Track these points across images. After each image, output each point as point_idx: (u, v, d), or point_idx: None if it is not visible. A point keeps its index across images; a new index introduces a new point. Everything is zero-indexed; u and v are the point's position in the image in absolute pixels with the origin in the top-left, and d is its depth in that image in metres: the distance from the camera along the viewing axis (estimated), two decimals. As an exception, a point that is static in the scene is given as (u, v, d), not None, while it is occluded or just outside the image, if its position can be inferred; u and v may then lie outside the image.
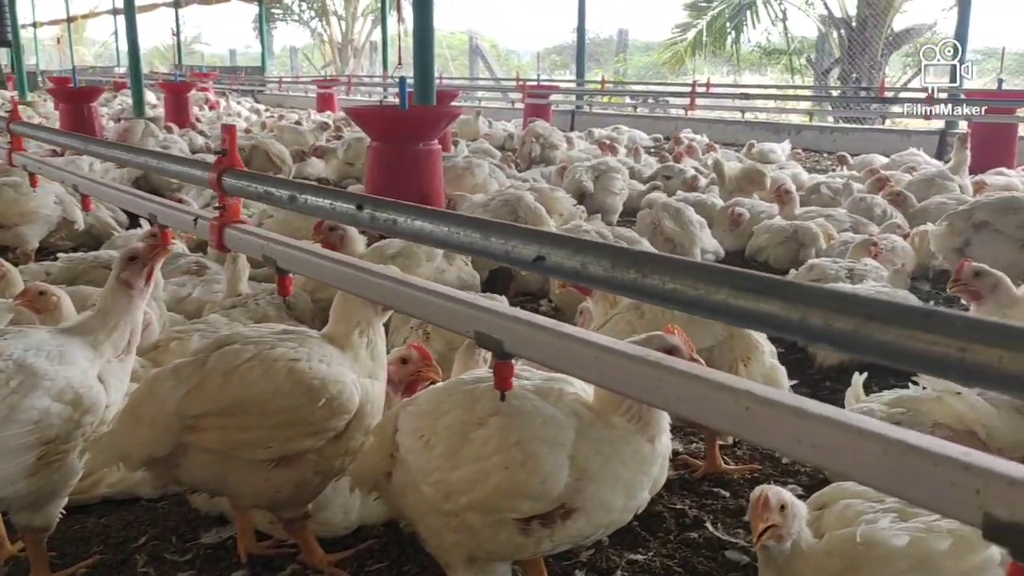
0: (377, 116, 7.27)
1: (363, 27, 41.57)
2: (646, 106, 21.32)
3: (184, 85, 18.01)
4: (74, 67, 21.41)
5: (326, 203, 2.51)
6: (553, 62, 41.49)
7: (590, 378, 1.74)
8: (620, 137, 15.41)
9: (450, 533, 2.51)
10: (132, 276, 3.00)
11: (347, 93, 25.81)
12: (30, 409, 2.67)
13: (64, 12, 40.58)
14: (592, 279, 1.63)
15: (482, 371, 2.83)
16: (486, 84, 29.51)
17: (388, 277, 2.25)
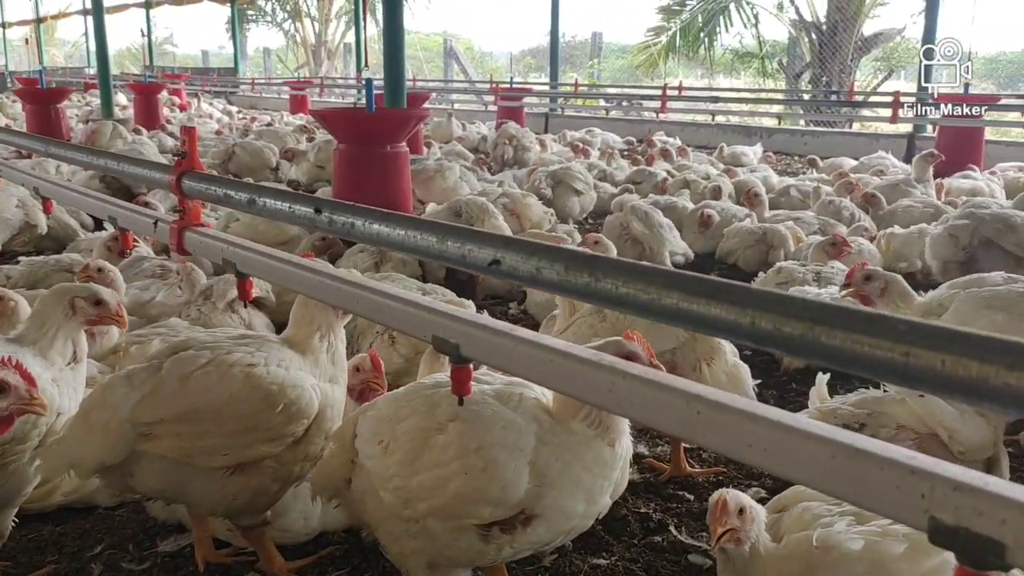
0: (343, 118, 7.21)
1: (337, 29, 41.44)
2: (620, 109, 21.36)
3: (154, 86, 17.81)
4: (42, 68, 21.12)
5: (284, 206, 2.48)
6: (528, 64, 41.59)
7: (544, 382, 1.72)
8: (594, 140, 15.45)
9: (410, 540, 2.48)
10: (82, 310, 2.97)
11: (320, 95, 25.66)
12: (-16, 415, 2.62)
13: (33, 12, 40.16)
14: (546, 283, 1.61)
15: (442, 376, 2.80)
16: (460, 86, 29.45)
17: (346, 281, 2.22)
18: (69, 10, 43.87)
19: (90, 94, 23.82)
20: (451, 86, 29.33)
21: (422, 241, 1.92)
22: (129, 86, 19.33)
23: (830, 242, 6.08)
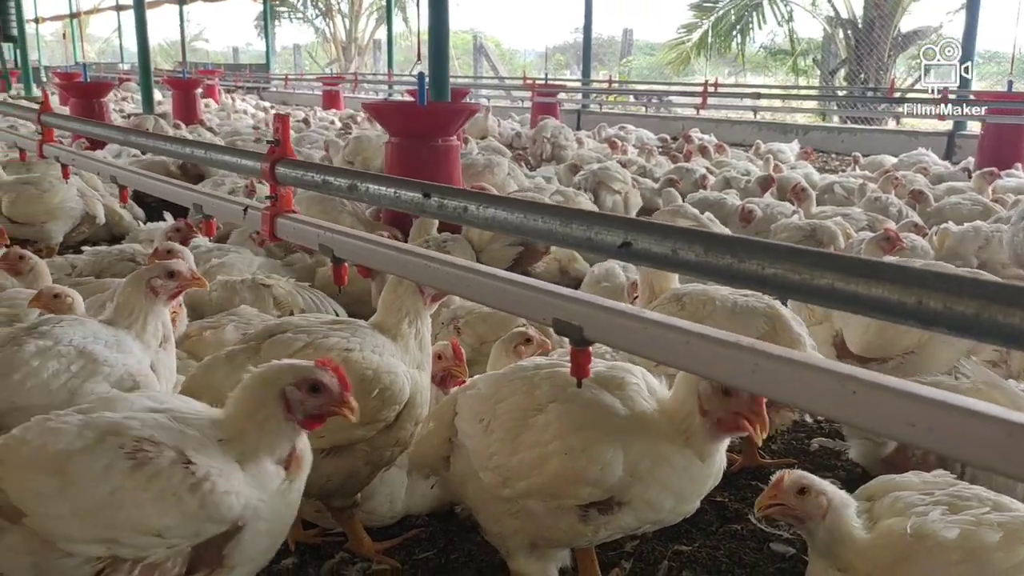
0: (396, 112, 7.28)
1: (367, 25, 41.63)
2: (651, 105, 21.32)
3: (192, 82, 17.98)
4: (85, 63, 21.37)
5: (389, 191, 2.52)
6: (558, 62, 41.55)
7: (680, 364, 1.76)
8: (628, 137, 15.45)
9: (511, 519, 2.53)
10: (162, 287, 3.06)
11: (353, 91, 25.79)
12: (89, 394, 2.71)
13: (67, 8, 40.64)
14: (683, 264, 1.65)
15: (540, 358, 2.85)
16: (491, 83, 29.48)
17: (459, 266, 2.26)
18: (102, 5, 44.44)
19: (123, 88, 24.10)
20: (482, 82, 29.35)
21: (543, 224, 1.96)
22: (166, 81, 19.50)
23: (883, 237, 6.05)
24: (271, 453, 2.20)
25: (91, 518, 2.01)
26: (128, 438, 2.09)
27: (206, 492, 2.04)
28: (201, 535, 2.08)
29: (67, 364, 2.77)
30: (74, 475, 2.03)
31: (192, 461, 2.07)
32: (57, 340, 2.84)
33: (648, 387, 2.55)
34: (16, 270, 5.01)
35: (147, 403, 2.27)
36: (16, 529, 2.05)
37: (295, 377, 2.23)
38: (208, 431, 2.19)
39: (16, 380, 2.69)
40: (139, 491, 2.02)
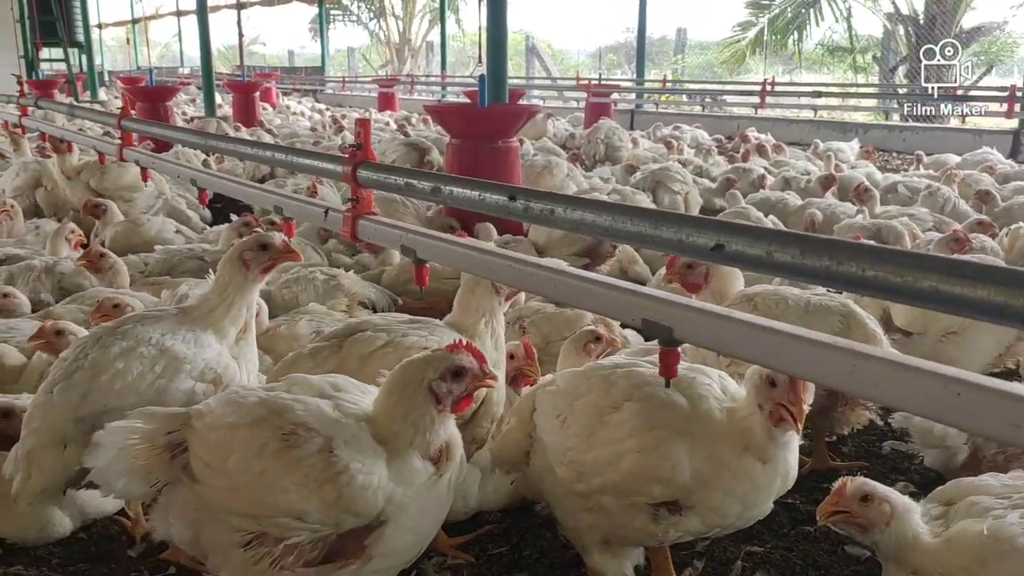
0: (456, 114, 7.35)
1: (420, 27, 42.01)
2: (707, 105, 21.15)
3: (252, 85, 18.32)
4: (151, 68, 21.91)
5: (474, 194, 2.57)
6: (611, 61, 41.43)
7: (774, 365, 1.77)
8: (683, 136, 15.34)
9: (586, 515, 2.57)
10: (254, 260, 3.03)
11: (409, 93, 26.04)
12: (177, 392, 2.80)
13: (129, 14, 41.64)
14: (777, 267, 1.67)
15: (619, 357, 2.88)
16: (543, 83, 29.50)
17: (547, 267, 2.30)
18: (162, 11, 45.41)
19: (184, 92, 24.62)
20: (534, 83, 29.39)
21: (633, 227, 1.99)
22: (227, 85, 19.88)
23: (952, 238, 5.94)
24: (427, 449, 2.26)
25: (243, 492, 2.15)
26: (287, 421, 2.20)
27: (342, 484, 2.12)
28: (341, 525, 2.16)
29: (151, 365, 2.81)
30: (235, 449, 2.17)
31: (335, 452, 2.15)
32: (139, 340, 2.87)
33: (723, 388, 2.57)
34: (97, 268, 5.19)
35: (327, 388, 2.38)
36: (191, 487, 2.21)
37: (437, 369, 2.28)
38: (365, 425, 2.27)
39: (105, 382, 2.75)
40: (284, 473, 2.13)
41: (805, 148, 13.67)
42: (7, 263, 5.64)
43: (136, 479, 2.24)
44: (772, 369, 2.07)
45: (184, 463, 2.24)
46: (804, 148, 13.75)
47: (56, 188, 7.93)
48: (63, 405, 2.73)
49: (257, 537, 2.16)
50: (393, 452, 2.23)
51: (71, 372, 2.78)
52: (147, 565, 2.95)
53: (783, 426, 2.31)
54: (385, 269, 5.88)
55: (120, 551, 3.04)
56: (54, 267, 5.48)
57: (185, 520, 2.25)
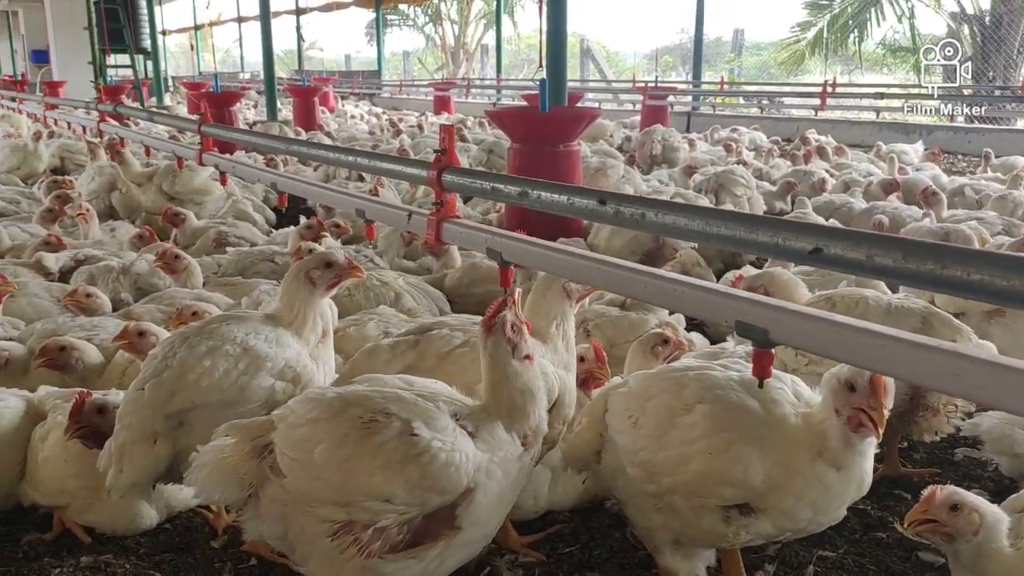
0: (518, 118, 7.40)
1: (475, 31, 42.27)
2: (762, 107, 20.92)
3: (311, 89, 18.65)
4: (216, 73, 22.44)
5: (562, 199, 2.62)
6: (665, 63, 41.18)
7: (872, 366, 1.79)
8: (741, 139, 15.21)
9: (657, 515, 2.60)
10: (320, 278, 3.16)
11: (465, 96, 26.22)
12: (258, 389, 2.91)
13: (191, 20, 42.65)
14: (878, 270, 1.69)
15: (690, 360, 2.91)
16: (598, 86, 29.46)
17: (637, 270, 2.34)
18: (223, 18, 46.40)
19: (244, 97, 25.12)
20: (588, 85, 29.36)
21: (728, 231, 2.01)
22: (287, 89, 20.27)
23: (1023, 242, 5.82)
24: (517, 427, 2.42)
25: (331, 482, 2.24)
26: (365, 409, 2.32)
27: (425, 463, 2.22)
28: (427, 505, 2.26)
29: (235, 362, 2.92)
30: (320, 440, 2.27)
31: (416, 433, 2.25)
32: (224, 339, 2.99)
33: (795, 393, 2.58)
34: (172, 269, 5.36)
35: (398, 382, 2.52)
36: (278, 482, 2.31)
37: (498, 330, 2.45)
38: (446, 405, 2.40)
39: (192, 380, 2.86)
40: (368, 458, 2.23)
41: (867, 150, 13.45)
42: (86, 264, 5.87)
43: (232, 487, 2.35)
44: (871, 371, 2.07)
45: (271, 463, 2.33)
46: (866, 150, 13.52)
47: (129, 191, 8.19)
48: (153, 402, 2.84)
49: (344, 526, 2.25)
50: (479, 427, 2.37)
51: (160, 370, 2.90)
52: (229, 556, 3.05)
53: (862, 432, 2.31)
54: (447, 273, 5.96)
55: (203, 542, 3.15)
56: (130, 268, 5.68)
57: (274, 516, 2.34)
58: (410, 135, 15.37)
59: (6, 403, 3.35)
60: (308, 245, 5.38)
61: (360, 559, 2.23)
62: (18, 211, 8.27)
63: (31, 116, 18.96)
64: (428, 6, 41.13)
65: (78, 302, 4.80)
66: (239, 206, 8.21)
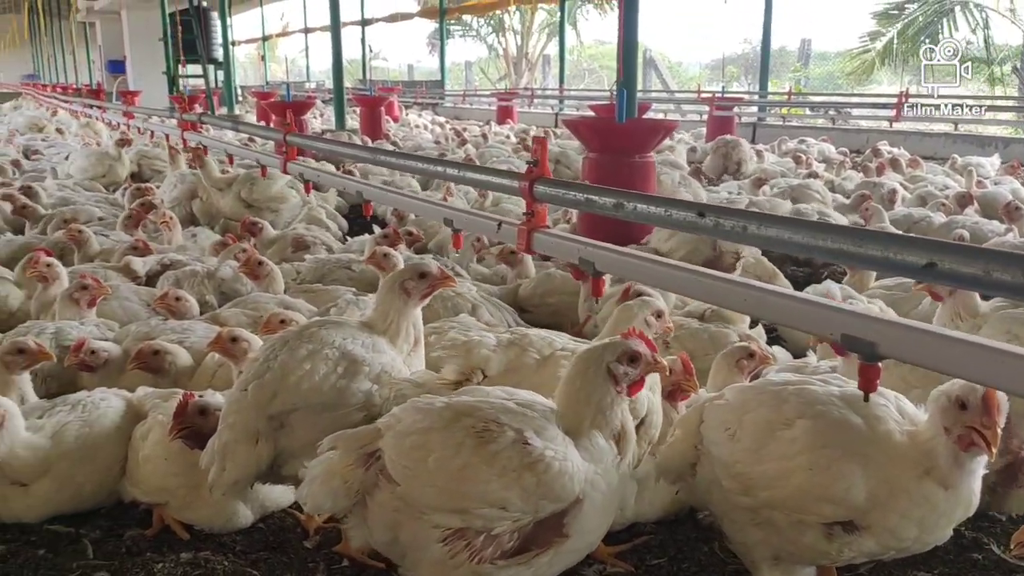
0: (595, 128, 7.43)
1: (538, 40, 42.50)
2: (833, 118, 20.59)
3: (378, 99, 18.93)
4: (287, 83, 22.93)
5: (659, 211, 2.64)
6: (730, 73, 40.86)
7: (986, 381, 1.77)
8: (809, 150, 15.00)
9: (755, 530, 2.59)
10: (415, 288, 3.26)
11: (528, 105, 26.35)
12: (356, 392, 2.98)
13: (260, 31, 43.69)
14: (996, 285, 1.67)
15: (790, 374, 2.89)
16: (661, 96, 29.33)
17: (736, 283, 2.35)
18: (290, 28, 47.46)
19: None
20: (651, 96, 29.25)
21: (832, 244, 2.01)
22: (355, 99, 20.59)
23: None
24: (606, 427, 2.48)
25: (446, 490, 2.30)
26: (478, 419, 2.39)
27: (540, 472, 2.29)
28: (540, 512, 2.31)
29: (334, 366, 3.01)
30: (434, 449, 2.33)
31: (529, 442, 2.32)
32: (323, 343, 3.09)
33: (899, 410, 2.54)
34: (255, 275, 5.51)
35: (500, 393, 2.59)
36: (390, 489, 2.38)
37: (616, 353, 2.50)
38: (549, 415, 2.47)
39: (292, 382, 2.94)
40: (484, 466, 2.29)
41: (942, 163, 13.15)
42: (171, 268, 6.05)
43: (340, 497, 2.43)
44: (987, 387, 2.04)
45: (380, 468, 2.40)
46: (940, 163, 13.22)
47: (210, 198, 8.42)
48: (255, 403, 2.93)
49: (456, 532, 2.30)
50: (579, 435, 2.43)
51: (262, 372, 2.98)
52: (322, 557, 3.12)
53: (973, 451, 2.28)
54: (521, 283, 6.00)
55: (296, 542, 3.22)
56: (215, 273, 5.84)
57: (384, 523, 2.41)
58: (474, 144, 15.49)
59: (108, 403, 3.49)
60: (383, 249, 5.48)
61: (471, 565, 2.27)
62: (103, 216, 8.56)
63: (109, 124, 19.60)
64: (491, 17, 41.48)
65: (168, 306, 4.95)
66: (313, 213, 8.40)
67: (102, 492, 3.37)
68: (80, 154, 11.97)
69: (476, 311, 5.10)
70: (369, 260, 5.43)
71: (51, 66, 48.99)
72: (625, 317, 3.18)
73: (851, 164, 13.25)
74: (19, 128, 20.16)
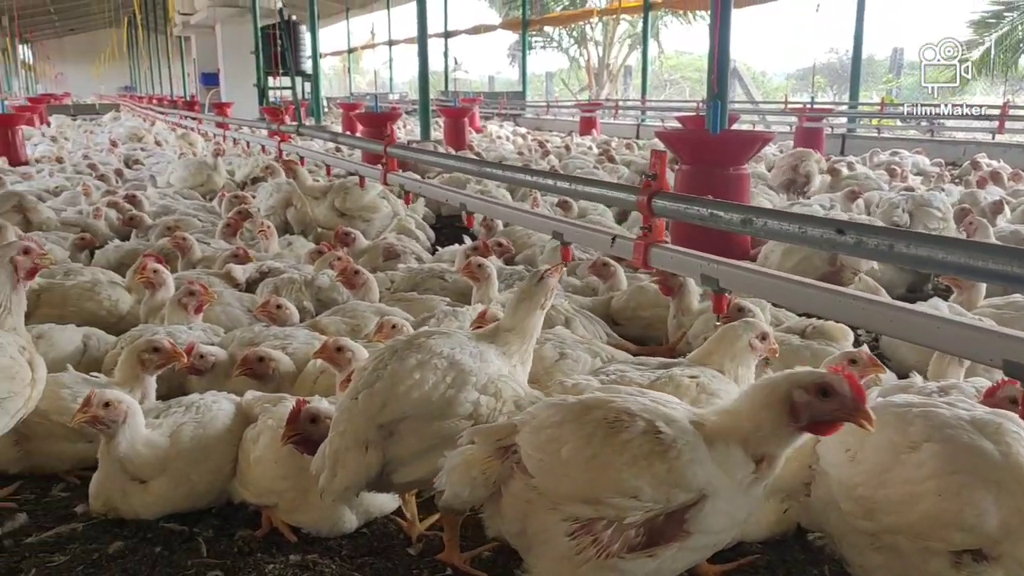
0: (689, 140, 7.37)
1: (619, 51, 42.41)
2: (932, 129, 19.96)
3: (462, 110, 19.13)
4: (375, 94, 23.39)
5: (792, 228, 2.58)
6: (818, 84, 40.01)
7: None
8: (903, 162, 14.57)
9: (875, 555, 2.52)
10: (547, 304, 3.33)
11: (613, 117, 26.29)
12: (464, 402, 3.00)
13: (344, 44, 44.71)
14: None
15: (913, 396, 2.82)
16: (745, 107, 28.90)
17: (882, 304, 2.29)
18: (375, 41, 48.38)
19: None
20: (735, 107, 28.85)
21: (995, 265, 1.94)
22: (440, 110, 20.87)
23: None
24: (753, 448, 2.37)
25: (578, 479, 2.35)
26: (608, 410, 2.45)
27: (672, 459, 2.30)
28: (672, 501, 2.32)
29: (443, 376, 3.03)
30: (567, 440, 2.39)
31: (661, 431, 2.35)
32: (431, 352, 3.11)
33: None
34: (352, 284, 5.63)
35: (633, 391, 2.65)
36: (524, 480, 2.45)
37: (805, 381, 2.34)
38: (682, 412, 2.49)
39: (402, 391, 2.96)
40: (616, 455, 2.34)
41: (1045, 176, 12.60)
42: (270, 276, 6.22)
43: (478, 487, 2.52)
44: None
45: (516, 460, 2.48)
46: (1043, 176, 12.67)
47: (304, 207, 8.63)
48: (366, 411, 2.97)
49: (583, 526, 2.34)
50: (716, 440, 2.39)
51: (372, 381, 3.03)
52: (426, 564, 3.15)
53: None
54: (613, 295, 5.96)
55: (400, 548, 3.27)
56: (312, 281, 5.98)
57: (515, 513, 2.48)
58: (557, 156, 15.52)
59: (219, 405, 3.61)
60: (477, 260, 5.53)
61: (597, 560, 2.31)
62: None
63: (203, 135, 20.30)
64: (574, 28, 41.56)
65: (269, 313, 5.08)
66: (403, 223, 8.54)
67: (213, 492, 3.48)
68: (180, 164, 12.44)
69: (570, 324, 5.10)
70: (464, 271, 5.49)
71: (147, 78, 51.04)
72: (729, 340, 3.14)
73: (949, 177, 12.82)
74: (120, 139, 21.04)
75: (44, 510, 3.53)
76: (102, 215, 8.86)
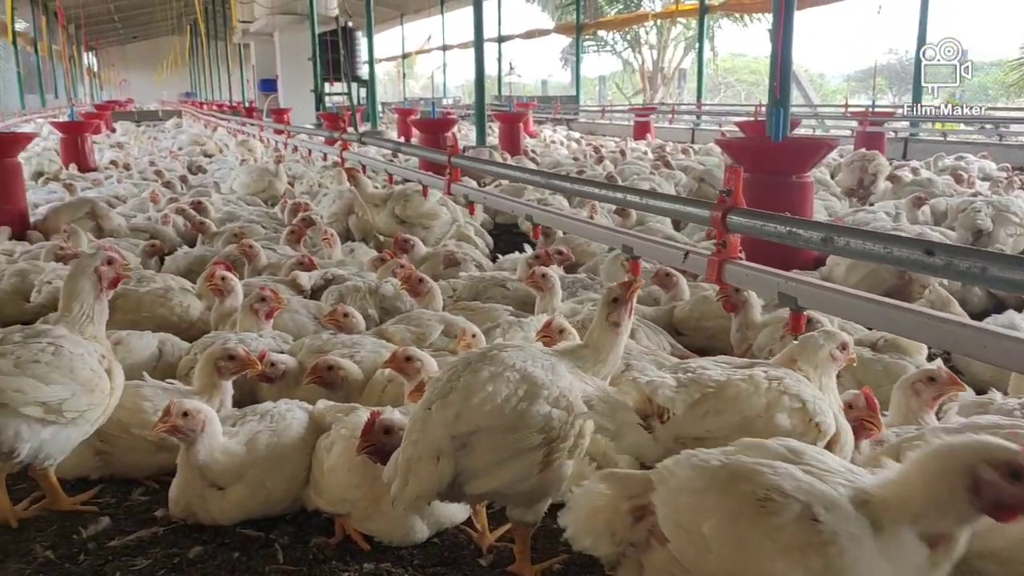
0: (750, 148, 7.28)
1: (673, 55, 42.16)
2: (999, 133, 19.43)
3: (516, 115, 19.18)
4: (432, 99, 23.61)
5: (877, 247, 2.53)
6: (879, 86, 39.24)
7: None
8: (969, 167, 14.21)
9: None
10: (619, 317, 3.28)
11: (669, 121, 26.12)
12: (536, 415, 3.01)
13: (399, 49, 45.15)
14: None
15: (996, 416, 2.76)
16: (803, 111, 28.43)
17: (963, 324, 2.26)
18: (429, 46, 48.78)
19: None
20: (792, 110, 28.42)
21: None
22: (495, 115, 20.95)
23: None
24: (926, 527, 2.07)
25: (724, 561, 2.13)
26: (759, 485, 2.16)
27: (832, 556, 2.02)
28: None
29: (515, 388, 3.04)
30: (710, 515, 2.17)
31: (819, 520, 2.06)
32: (504, 365, 3.13)
33: None
34: (416, 292, 5.69)
35: (783, 450, 2.36)
36: (664, 552, 2.26)
37: (996, 457, 2.02)
38: (842, 489, 2.16)
39: (476, 403, 2.97)
40: (767, 541, 2.08)
41: None
42: (334, 283, 6.31)
43: (603, 540, 2.38)
44: None
45: (651, 525, 2.30)
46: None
47: (365, 214, 8.75)
48: (440, 422, 3.00)
49: None
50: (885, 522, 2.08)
51: (446, 392, 3.06)
52: (497, 575, 3.17)
53: None
54: (676, 305, 5.92)
55: (471, 558, 3.30)
56: (377, 289, 6.05)
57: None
58: (612, 161, 15.45)
59: (294, 414, 3.68)
60: (541, 269, 5.55)
61: None
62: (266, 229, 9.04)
63: (263, 141, 20.67)
64: (627, 31, 41.39)
65: (337, 321, 5.15)
66: (462, 230, 8.60)
67: (288, 499, 3.54)
68: (242, 170, 12.69)
69: (634, 334, 5.09)
70: (528, 280, 5.50)
71: (207, 85, 52.16)
72: (811, 349, 3.10)
73: (1020, 183, 12.47)
74: (183, 145, 21.54)
75: (125, 514, 3.63)
76: (170, 221, 9.09)
